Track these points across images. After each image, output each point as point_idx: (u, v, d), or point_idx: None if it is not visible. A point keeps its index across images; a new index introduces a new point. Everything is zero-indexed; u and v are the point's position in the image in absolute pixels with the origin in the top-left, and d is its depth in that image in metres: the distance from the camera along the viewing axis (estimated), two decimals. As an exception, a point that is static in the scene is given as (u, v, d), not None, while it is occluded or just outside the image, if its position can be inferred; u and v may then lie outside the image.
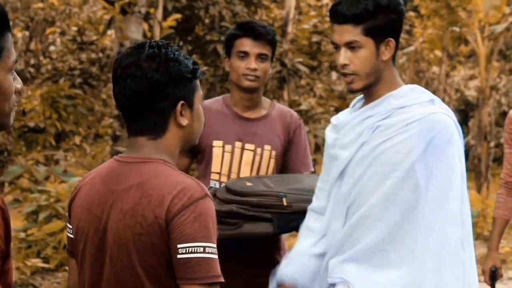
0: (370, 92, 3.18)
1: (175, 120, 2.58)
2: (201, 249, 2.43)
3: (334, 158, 3.21)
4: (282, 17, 14.08)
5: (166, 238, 2.46)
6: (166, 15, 11.84)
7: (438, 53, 20.74)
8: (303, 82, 14.65)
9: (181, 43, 12.81)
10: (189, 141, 2.65)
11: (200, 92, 2.64)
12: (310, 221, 3.40)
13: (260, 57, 4.07)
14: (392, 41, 3.14)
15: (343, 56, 3.13)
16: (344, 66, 3.14)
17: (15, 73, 2.10)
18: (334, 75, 17.34)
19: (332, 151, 3.24)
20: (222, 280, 2.46)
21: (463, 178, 3.12)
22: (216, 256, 2.46)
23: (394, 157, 3.06)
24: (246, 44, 4.07)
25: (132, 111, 2.57)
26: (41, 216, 8.80)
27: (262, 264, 4.06)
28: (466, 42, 21.43)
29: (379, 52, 3.12)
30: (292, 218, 3.75)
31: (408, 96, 3.14)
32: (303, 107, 14.24)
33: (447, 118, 3.10)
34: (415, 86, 3.22)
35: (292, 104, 14.03)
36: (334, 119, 3.33)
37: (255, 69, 4.05)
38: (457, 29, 19.50)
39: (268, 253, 4.11)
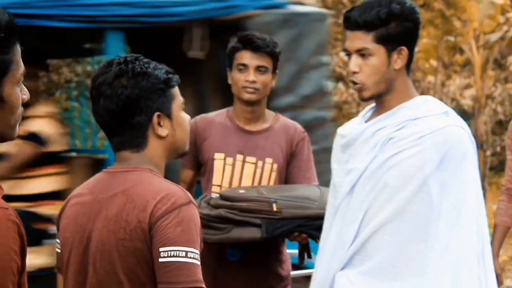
0: (382, 101, 3.12)
1: (154, 132, 2.59)
2: (183, 254, 2.42)
3: (348, 173, 3.13)
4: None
5: (149, 242, 2.46)
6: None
7: (433, 62, 20.71)
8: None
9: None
10: (175, 150, 2.65)
11: (178, 100, 2.64)
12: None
13: (259, 69, 4.06)
14: (404, 50, 3.07)
15: (354, 63, 3.08)
16: (354, 73, 3.09)
17: (22, 84, 2.10)
18: (330, 85, 17.36)
19: (346, 167, 3.16)
20: (203, 286, 2.45)
21: (478, 193, 3.06)
22: (198, 262, 2.44)
23: (407, 170, 3.00)
24: (245, 57, 4.07)
25: (110, 129, 2.60)
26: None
27: (263, 277, 4.08)
28: (461, 51, 21.45)
29: (390, 61, 3.07)
30: (281, 224, 3.76)
31: (421, 108, 3.08)
32: (299, 117, 14.23)
33: (461, 131, 3.06)
34: (429, 97, 3.18)
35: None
36: (341, 130, 3.27)
37: (254, 82, 4.04)
38: (452, 38, 19.56)
39: (269, 266, 4.10)
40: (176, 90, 2.64)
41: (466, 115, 23.89)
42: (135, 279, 2.48)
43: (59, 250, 2.68)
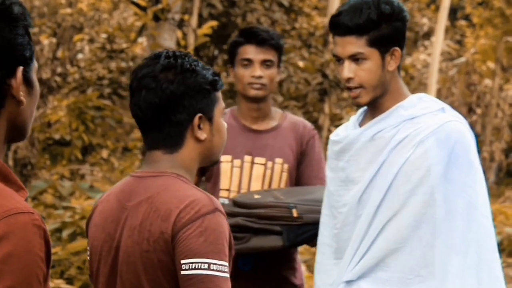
0: (376, 104, 3.15)
1: (193, 134, 2.59)
2: (205, 266, 2.42)
3: (350, 181, 3.16)
4: (324, 25, 13.93)
5: (172, 254, 2.47)
6: (201, 22, 11.84)
7: (491, 64, 20.90)
8: (345, 94, 14.56)
9: (216, 52, 12.90)
10: (209, 156, 2.64)
11: (221, 105, 2.65)
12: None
13: (265, 63, 4.02)
14: (397, 50, 3.12)
15: (348, 69, 3.10)
16: (349, 79, 3.11)
17: None
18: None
19: (344, 175, 3.18)
20: None
21: (484, 184, 3.11)
22: (224, 274, 2.44)
23: (415, 174, 3.04)
24: (249, 51, 4.03)
25: (147, 124, 2.61)
26: (65, 234, 8.67)
27: (276, 286, 4.04)
28: (522, 53, 21.29)
29: (384, 63, 3.11)
30: (302, 230, 3.70)
31: (417, 106, 3.13)
32: (345, 121, 13.89)
33: (461, 126, 3.10)
34: (423, 94, 3.21)
35: (334, 117, 13.97)
36: (334, 136, 3.27)
37: (260, 77, 4.00)
38: (512, 39, 19.35)
39: (282, 275, 4.05)
40: (219, 94, 2.66)
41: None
42: None
43: (89, 258, 2.69)
